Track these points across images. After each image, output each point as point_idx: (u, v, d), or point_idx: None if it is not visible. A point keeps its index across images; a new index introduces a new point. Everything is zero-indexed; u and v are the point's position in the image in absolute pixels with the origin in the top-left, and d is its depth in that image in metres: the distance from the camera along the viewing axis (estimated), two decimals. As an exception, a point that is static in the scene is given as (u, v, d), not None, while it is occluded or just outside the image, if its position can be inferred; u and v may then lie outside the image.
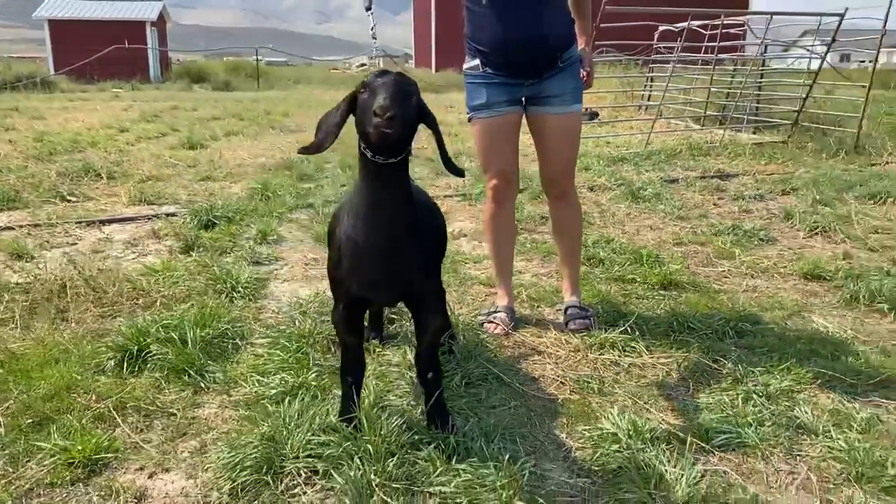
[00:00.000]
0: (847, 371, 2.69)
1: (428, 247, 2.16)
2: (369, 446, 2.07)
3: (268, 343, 2.96)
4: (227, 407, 2.51)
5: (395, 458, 2.05)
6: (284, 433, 2.16)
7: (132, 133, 10.40)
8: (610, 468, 2.08)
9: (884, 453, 2.12)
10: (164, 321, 2.96)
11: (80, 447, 2.16)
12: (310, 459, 2.09)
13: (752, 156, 8.08)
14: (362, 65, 53.48)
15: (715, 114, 11.25)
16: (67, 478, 2.07)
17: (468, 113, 3.17)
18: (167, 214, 5.27)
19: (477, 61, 3.06)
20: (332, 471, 2.03)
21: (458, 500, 1.92)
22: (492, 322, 3.14)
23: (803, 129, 9.54)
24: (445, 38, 40.22)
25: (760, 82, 10.68)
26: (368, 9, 2.88)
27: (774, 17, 9.62)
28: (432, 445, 2.14)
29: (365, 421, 2.16)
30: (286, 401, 2.40)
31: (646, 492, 1.93)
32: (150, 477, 2.11)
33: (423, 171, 7.35)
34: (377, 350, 2.91)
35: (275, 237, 4.72)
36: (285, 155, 8.43)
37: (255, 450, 2.10)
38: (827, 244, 4.55)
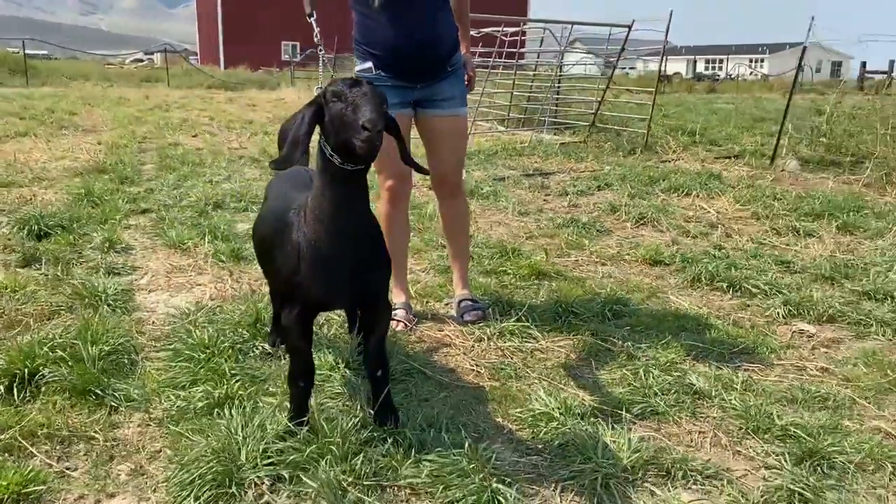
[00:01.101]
0: (713, 342, 3.09)
1: (382, 247, 2.21)
2: (333, 447, 2.09)
3: (167, 356, 2.83)
4: (149, 425, 2.38)
5: (360, 457, 2.08)
6: (235, 444, 2.11)
7: None
8: (555, 444, 2.26)
9: (768, 408, 2.49)
10: (50, 340, 2.73)
11: (2, 482, 1.97)
12: (271, 467, 2.06)
13: (562, 155, 8.74)
14: (138, 60, 50.17)
15: (519, 116, 12.01)
16: (2, 516, 1.88)
17: None
18: (-15, 225, 4.74)
19: (369, 64, 3.11)
20: (300, 475, 2.02)
21: (431, 489, 2.01)
22: (392, 319, 3.22)
23: (598, 130, 10.47)
24: (234, 35, 38.90)
25: (559, 87, 11.53)
26: (310, 15, 2.84)
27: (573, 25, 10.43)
28: (390, 441, 2.19)
29: (324, 424, 2.16)
30: (223, 412, 2.33)
31: (595, 461, 2.13)
32: (97, 504, 1.98)
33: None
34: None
35: (122, 245, 4.42)
36: (92, 157, 7.83)
37: (210, 464, 2.03)
38: (654, 232, 5.11)
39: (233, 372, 2.65)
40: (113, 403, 2.47)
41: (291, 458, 2.07)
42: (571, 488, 2.05)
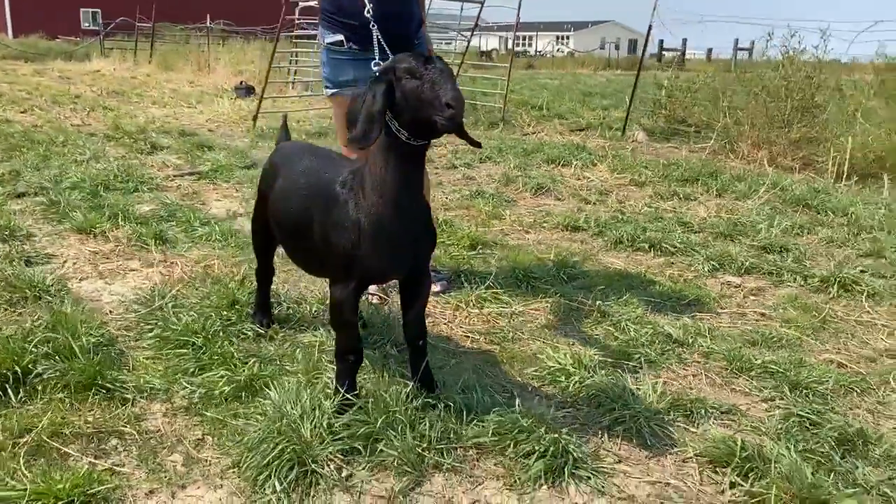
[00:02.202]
0: (661, 296, 3.41)
1: (430, 218, 2.25)
2: (400, 416, 2.14)
3: (153, 345, 2.70)
4: (175, 414, 2.28)
5: (424, 423, 2.14)
6: (294, 424, 2.09)
7: None
8: (584, 395, 2.44)
9: (742, 351, 2.82)
10: (27, 337, 2.51)
11: (61, 486, 1.84)
12: (340, 442, 2.07)
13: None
14: None
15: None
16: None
17: (331, 89, 3.18)
18: None
19: (340, 37, 3.09)
20: (376, 445, 2.06)
21: (499, 446, 2.12)
22: (367, 293, 3.24)
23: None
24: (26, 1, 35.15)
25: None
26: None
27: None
28: (441, 406, 2.26)
29: (385, 394, 2.20)
30: (251, 396, 2.32)
31: (631, 407, 2.34)
32: (174, 497, 1.90)
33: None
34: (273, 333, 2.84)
35: (23, 233, 4.04)
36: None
37: (279, 445, 2.01)
38: (555, 201, 5.42)
39: (241, 355, 2.59)
40: (126, 396, 2.34)
41: (362, 430, 2.09)
42: (618, 433, 2.25)
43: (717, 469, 2.07)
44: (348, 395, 2.21)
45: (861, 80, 8.24)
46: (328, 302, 2.30)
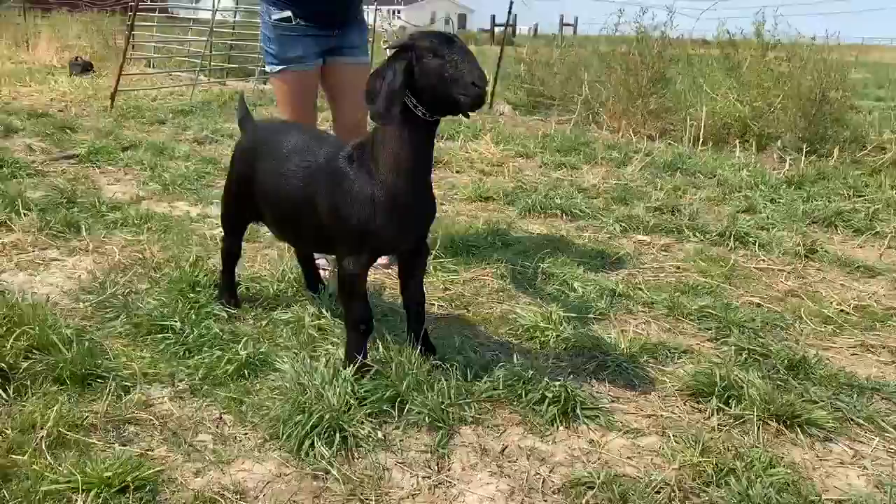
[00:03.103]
0: (588, 255, 3.71)
1: (432, 189, 2.36)
2: (420, 379, 2.25)
3: (125, 332, 2.64)
4: (182, 398, 2.27)
5: (441, 383, 2.27)
6: (318, 394, 2.15)
7: None
8: (563, 347, 2.67)
9: (680, 299, 3.15)
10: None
11: (109, 473, 1.81)
12: (368, 405, 2.17)
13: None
14: None
15: (220, 66, 11.61)
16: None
17: (278, 66, 3.17)
18: None
19: (288, 13, 3.09)
20: (405, 405, 2.17)
21: (510, 397, 2.30)
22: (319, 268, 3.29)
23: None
24: None
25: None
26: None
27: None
28: (447, 367, 2.40)
29: (402, 358, 2.30)
30: (254, 372, 2.37)
31: (609, 353, 2.59)
32: (224, 473, 1.92)
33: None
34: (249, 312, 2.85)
35: None
36: None
37: (316, 415, 2.06)
38: (455, 174, 5.62)
39: (228, 335, 2.59)
40: (125, 384, 2.29)
41: (388, 393, 2.19)
42: (604, 378, 2.49)
43: (700, 399, 2.37)
44: (366, 362, 2.30)
45: (707, 54, 9.05)
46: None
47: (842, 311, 3.16)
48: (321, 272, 3.28)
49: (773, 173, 5.73)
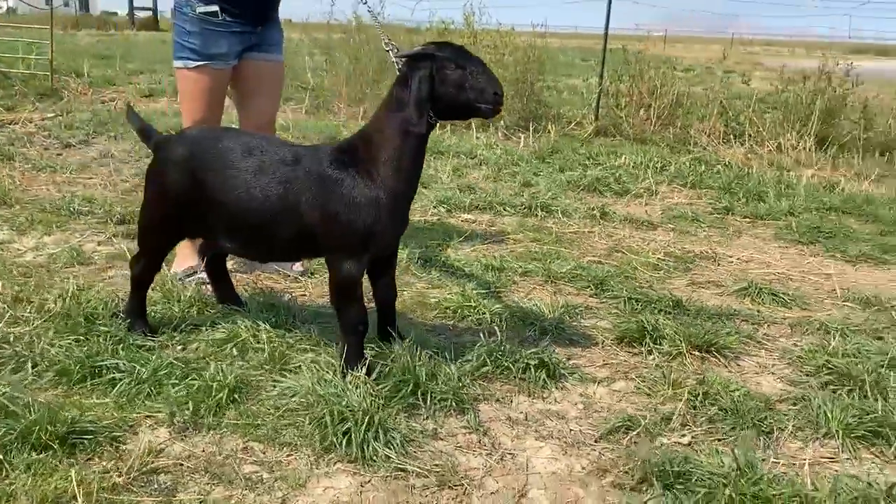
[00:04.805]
0: (439, 237, 3.97)
1: None
2: (425, 369, 2.34)
3: (59, 381, 2.29)
4: (186, 436, 2.09)
5: (439, 368, 2.39)
6: (346, 401, 2.14)
7: None
8: (497, 321, 2.90)
9: (544, 265, 3.57)
10: None
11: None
12: (395, 401, 2.22)
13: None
14: None
15: None
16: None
17: (197, 61, 3.02)
18: None
19: (215, 7, 2.98)
20: (427, 394, 2.25)
21: (499, 369, 2.49)
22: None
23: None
24: None
25: None
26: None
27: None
28: (423, 353, 2.46)
29: (405, 353, 2.36)
30: (264, 389, 2.24)
31: (545, 319, 2.90)
32: (311, 496, 1.86)
33: None
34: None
35: None
36: None
37: (351, 419, 2.07)
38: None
39: (182, 365, 2.39)
40: (115, 435, 2.03)
41: (409, 388, 2.25)
42: (548, 340, 2.77)
43: (633, 344, 2.79)
44: (372, 360, 2.32)
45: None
46: (333, 282, 2.33)
47: (659, 259, 3.84)
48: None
49: (521, 150, 6.48)
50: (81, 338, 2.49)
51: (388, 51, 2.43)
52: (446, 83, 2.17)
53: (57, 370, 2.30)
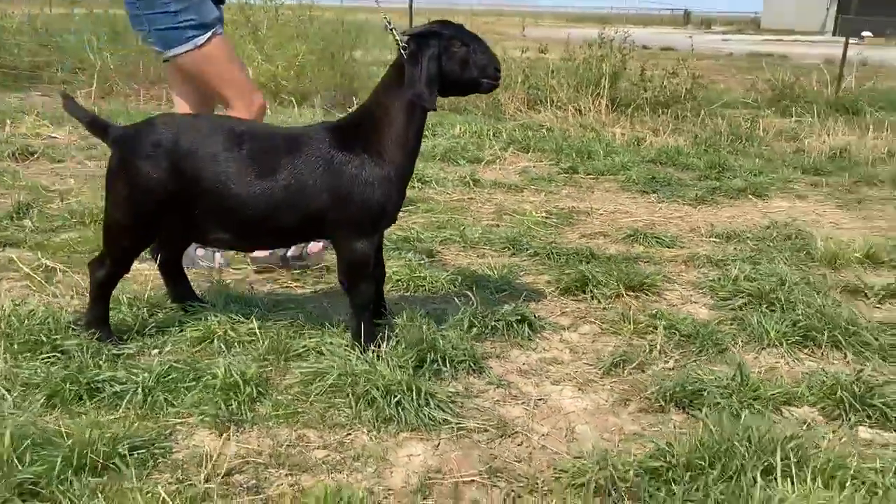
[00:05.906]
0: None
1: None
2: (437, 336, 2.42)
3: (53, 405, 2.08)
4: (230, 434, 2.02)
5: (447, 332, 2.49)
6: (380, 377, 2.18)
7: None
8: (449, 288, 3.04)
9: (481, 232, 3.74)
10: None
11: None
12: (423, 368, 2.30)
13: None
14: None
15: None
16: None
17: (205, 32, 2.84)
18: None
19: None
20: (439, 364, 2.34)
21: (488, 328, 2.64)
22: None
23: None
24: None
25: None
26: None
27: None
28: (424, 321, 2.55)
29: (415, 324, 2.42)
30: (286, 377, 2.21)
31: (490, 282, 3.08)
32: (400, 465, 1.91)
33: None
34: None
35: None
36: None
37: (396, 389, 2.13)
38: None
39: (182, 365, 2.27)
40: (160, 448, 1.92)
41: (432, 355, 2.33)
42: (503, 300, 2.96)
43: (576, 293, 3.06)
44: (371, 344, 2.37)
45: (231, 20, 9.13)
46: (345, 262, 2.33)
47: (543, 217, 4.17)
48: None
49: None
50: (49, 356, 2.25)
51: (390, 30, 2.43)
52: (453, 60, 2.25)
53: (45, 394, 2.08)
